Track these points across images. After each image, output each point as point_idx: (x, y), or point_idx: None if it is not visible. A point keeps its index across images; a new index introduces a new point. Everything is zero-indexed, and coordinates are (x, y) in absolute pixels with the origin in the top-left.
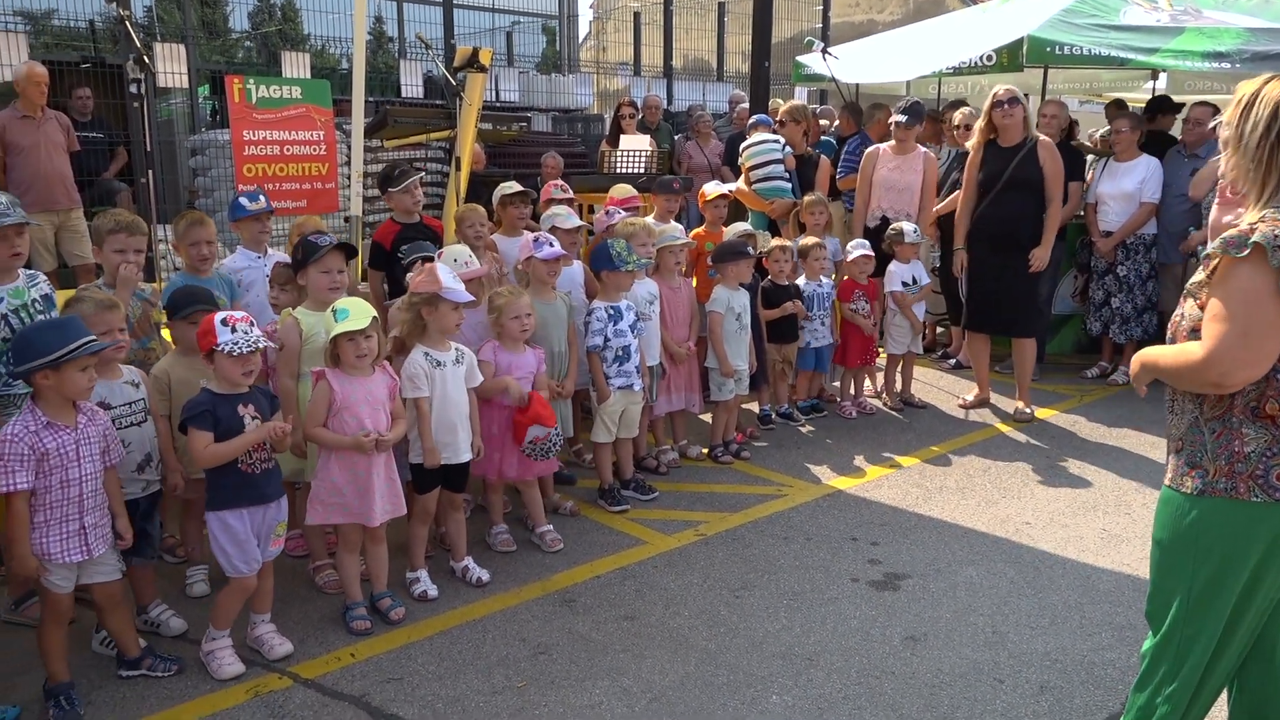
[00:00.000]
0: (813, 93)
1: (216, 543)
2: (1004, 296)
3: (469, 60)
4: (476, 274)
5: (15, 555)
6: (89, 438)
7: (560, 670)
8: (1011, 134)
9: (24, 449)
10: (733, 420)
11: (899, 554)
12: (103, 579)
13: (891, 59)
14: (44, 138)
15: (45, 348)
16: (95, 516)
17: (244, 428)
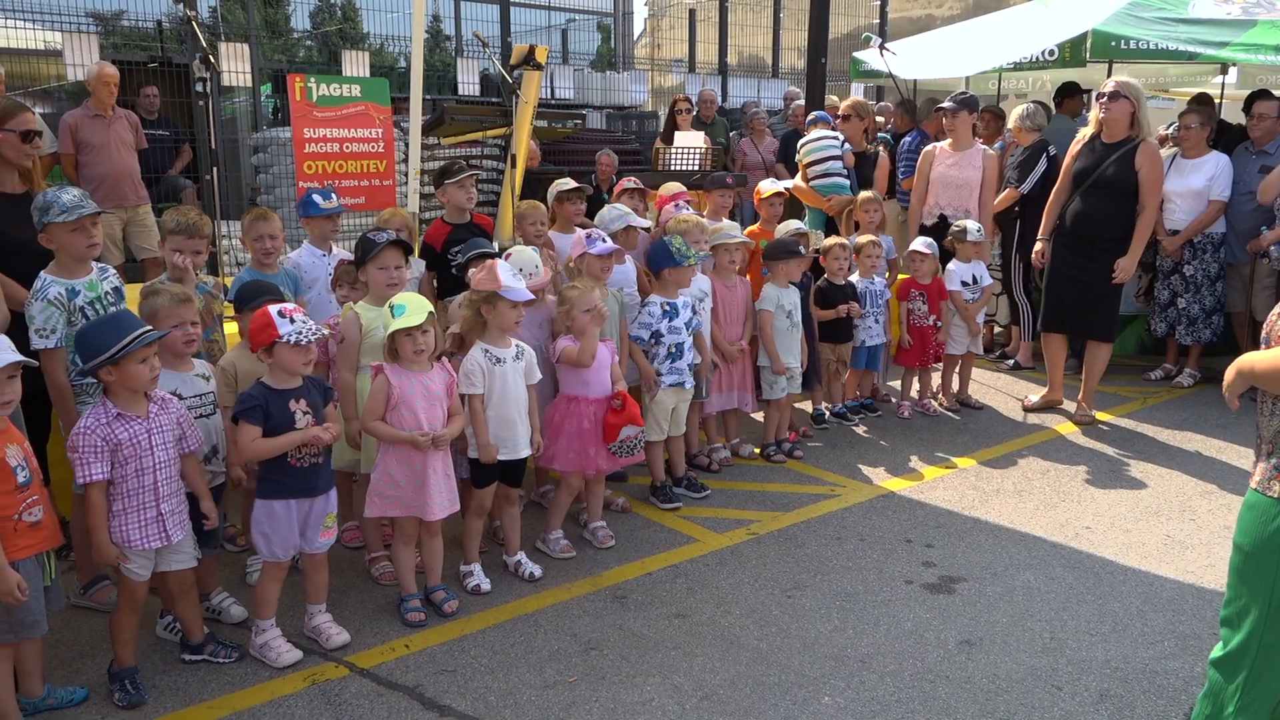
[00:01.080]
0: (869, 89)
1: (258, 527)
2: (1081, 297)
3: (525, 58)
4: (542, 284)
5: (95, 544)
6: (161, 426)
7: (611, 666)
8: (1114, 130)
9: (97, 441)
10: (785, 419)
11: (954, 556)
12: (180, 566)
13: (950, 54)
14: (114, 136)
15: (103, 345)
16: (172, 504)
17: (294, 423)
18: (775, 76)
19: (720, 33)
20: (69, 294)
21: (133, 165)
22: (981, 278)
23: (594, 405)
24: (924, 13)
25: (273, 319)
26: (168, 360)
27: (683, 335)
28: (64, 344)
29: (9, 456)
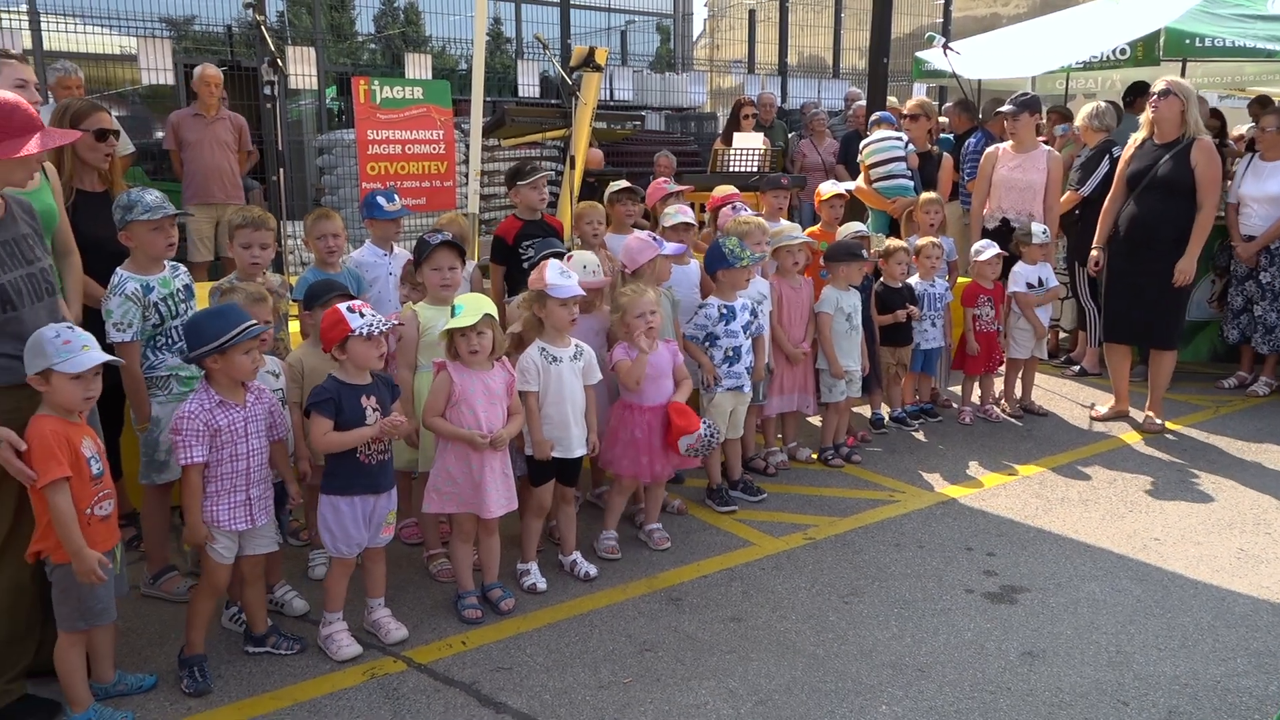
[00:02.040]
0: (932, 89)
1: (324, 523)
2: (1141, 305)
3: (585, 60)
4: (600, 284)
5: (188, 523)
6: (256, 415)
7: (666, 669)
8: (1165, 130)
9: (199, 425)
10: (844, 423)
11: (1017, 566)
12: (263, 550)
13: (1016, 53)
14: (210, 135)
15: (213, 334)
16: (260, 490)
17: (365, 419)
18: (836, 77)
19: (780, 33)
20: (144, 289)
21: (226, 165)
22: (1047, 280)
23: (647, 413)
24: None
25: (343, 315)
26: None
27: (739, 339)
28: (139, 337)
29: (84, 448)
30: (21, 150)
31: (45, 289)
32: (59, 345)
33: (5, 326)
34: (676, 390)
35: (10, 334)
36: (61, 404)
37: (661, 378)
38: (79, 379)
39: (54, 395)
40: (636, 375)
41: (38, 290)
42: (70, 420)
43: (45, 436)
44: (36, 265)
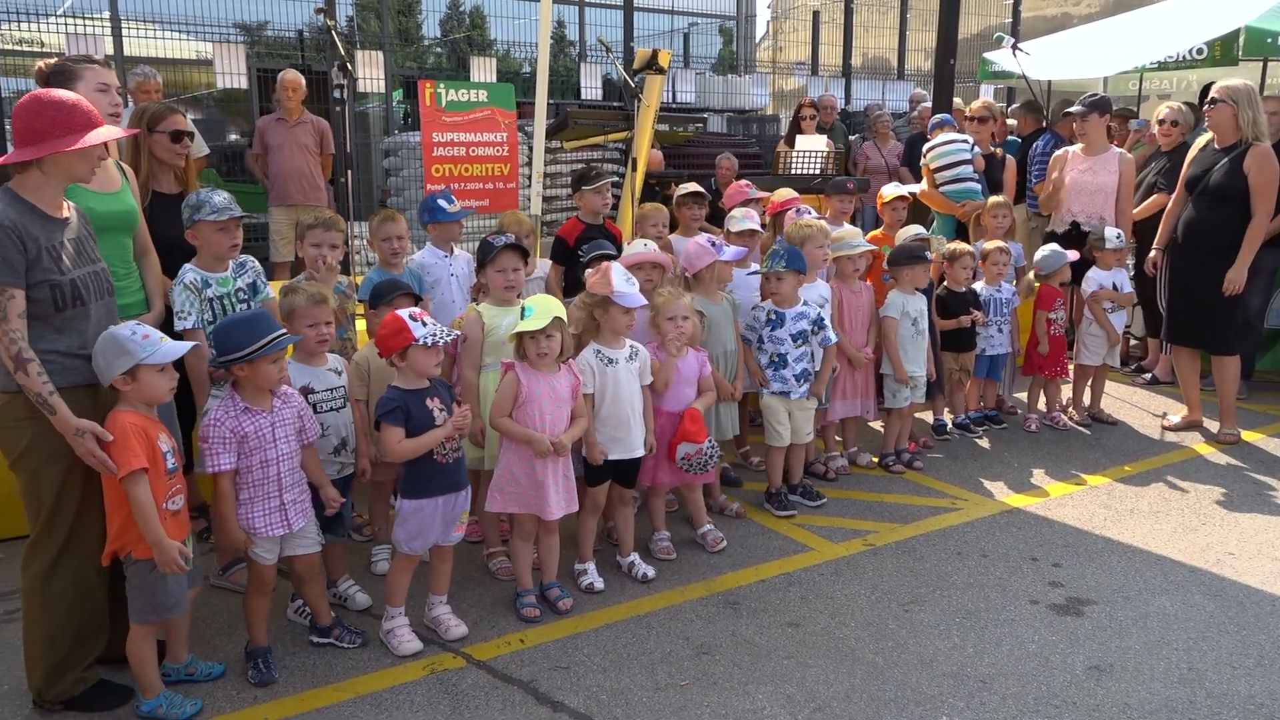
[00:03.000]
0: (999, 91)
1: (404, 525)
2: (1195, 310)
3: (648, 62)
4: (658, 258)
5: (223, 529)
6: (284, 420)
7: (723, 672)
8: (1222, 135)
9: (225, 432)
10: (906, 429)
11: (1083, 578)
12: (304, 551)
13: (1088, 54)
14: (291, 139)
15: (239, 343)
16: (294, 493)
17: (433, 421)
18: (900, 79)
19: (845, 34)
20: (202, 283)
21: (306, 167)
22: (1122, 285)
23: (662, 417)
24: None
25: (406, 324)
26: (301, 356)
27: (785, 345)
28: (200, 325)
29: (160, 443)
30: (80, 143)
31: (106, 288)
32: (140, 341)
33: (71, 322)
34: (698, 399)
35: (75, 330)
36: (148, 398)
37: (684, 385)
38: (164, 371)
39: (141, 391)
40: (665, 378)
41: (101, 289)
42: (148, 415)
43: (125, 429)
44: (99, 265)
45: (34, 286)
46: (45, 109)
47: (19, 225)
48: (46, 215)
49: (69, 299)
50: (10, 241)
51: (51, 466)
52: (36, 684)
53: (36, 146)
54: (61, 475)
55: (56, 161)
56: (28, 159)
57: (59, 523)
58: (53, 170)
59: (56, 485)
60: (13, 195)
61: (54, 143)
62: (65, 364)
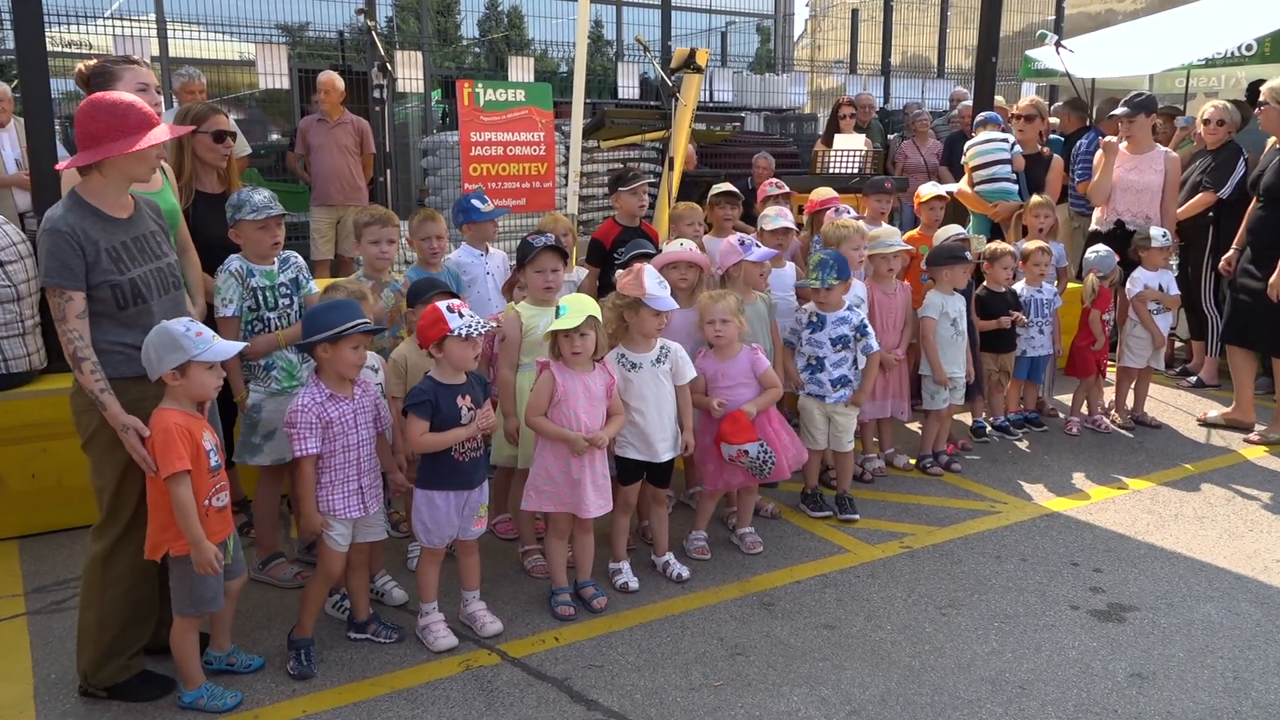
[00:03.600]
0: (1042, 89)
1: (419, 515)
2: (1255, 310)
3: (686, 61)
4: (694, 257)
5: (303, 512)
6: (364, 408)
7: (757, 673)
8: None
9: (312, 418)
10: (944, 431)
11: (1125, 583)
12: (373, 538)
13: (1133, 50)
14: (331, 139)
15: (327, 324)
16: (370, 479)
17: (460, 418)
18: (940, 77)
19: (884, 32)
20: (246, 271)
21: (345, 168)
22: (1169, 287)
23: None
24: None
25: (443, 314)
26: None
27: (824, 349)
28: (239, 314)
29: (204, 441)
30: (138, 145)
31: (171, 283)
32: (194, 338)
33: (136, 318)
34: (761, 395)
35: (140, 325)
36: (195, 394)
37: (739, 386)
38: (212, 368)
39: (189, 387)
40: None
41: (164, 284)
42: (192, 413)
43: (169, 430)
44: (164, 260)
45: (95, 287)
46: (100, 113)
47: (77, 230)
48: (109, 216)
49: (129, 298)
50: (69, 247)
51: (114, 453)
52: (84, 667)
53: (94, 150)
54: (124, 463)
55: (114, 164)
56: (86, 163)
57: (121, 508)
58: (112, 172)
59: (119, 471)
60: (76, 198)
61: (111, 145)
62: (133, 355)
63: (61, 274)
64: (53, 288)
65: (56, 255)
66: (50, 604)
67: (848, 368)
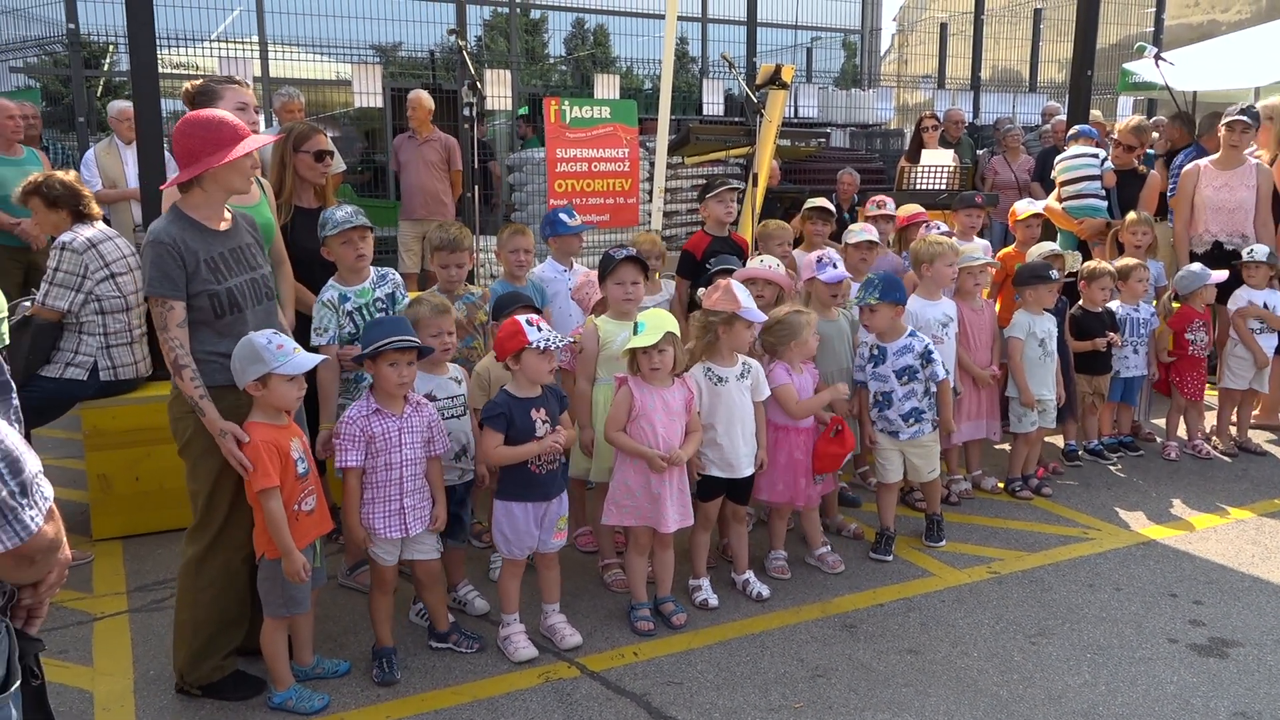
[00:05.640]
0: (1139, 102)
1: (498, 526)
2: None
3: (771, 77)
4: (773, 275)
5: (346, 524)
6: (413, 427)
7: (838, 696)
8: None
9: (356, 431)
10: (1034, 454)
11: (1228, 617)
12: (422, 557)
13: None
14: (419, 156)
15: (368, 340)
16: (414, 499)
17: (535, 431)
18: (1032, 91)
19: (974, 46)
20: (340, 298)
21: (432, 184)
22: (1275, 307)
23: (804, 435)
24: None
25: (522, 327)
26: (424, 364)
27: (889, 383)
28: (334, 342)
29: (292, 449)
30: (231, 155)
31: (265, 293)
32: (274, 350)
33: (232, 327)
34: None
35: (235, 334)
36: (278, 405)
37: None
38: (293, 380)
39: (270, 397)
40: (810, 408)
41: (259, 294)
42: (279, 423)
43: (257, 446)
44: (258, 271)
45: (194, 296)
46: (195, 130)
47: (179, 241)
48: (208, 229)
49: (226, 307)
50: (171, 258)
51: (208, 460)
52: (180, 666)
53: (193, 166)
54: (217, 469)
55: (213, 177)
56: (186, 179)
57: (214, 513)
58: (211, 185)
59: (212, 477)
60: (177, 212)
61: (207, 160)
62: (227, 364)
63: (164, 284)
64: (155, 297)
65: (159, 265)
66: (151, 602)
67: (918, 399)
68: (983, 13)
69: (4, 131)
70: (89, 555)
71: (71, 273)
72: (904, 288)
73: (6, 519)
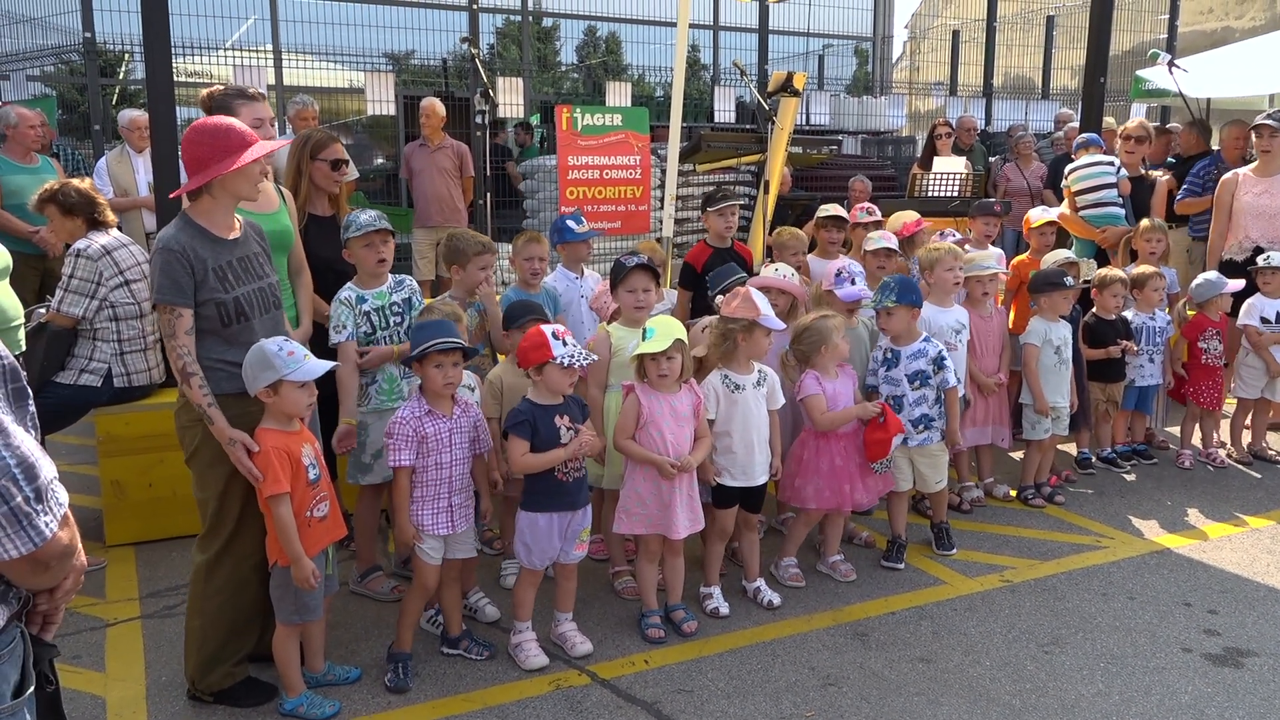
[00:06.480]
0: (1152, 109)
1: (521, 537)
2: None
3: (783, 85)
4: (786, 285)
5: (396, 523)
6: (461, 428)
7: (850, 705)
8: None
9: (409, 431)
10: (1047, 461)
11: (1244, 627)
12: (463, 555)
13: (1250, 70)
14: (431, 163)
15: (414, 344)
16: (461, 498)
17: (560, 438)
18: (1044, 98)
19: (986, 53)
20: (357, 299)
21: (445, 191)
22: None
23: (843, 440)
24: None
25: (547, 340)
26: None
27: (901, 387)
28: (352, 339)
29: (303, 455)
30: (240, 162)
31: (273, 302)
32: (285, 357)
33: (239, 335)
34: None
35: (242, 342)
36: (288, 411)
37: (848, 404)
38: (304, 387)
39: (281, 404)
40: (835, 420)
41: (266, 303)
42: (290, 430)
43: (268, 453)
44: (266, 280)
45: (202, 304)
46: (204, 138)
47: (188, 249)
48: (216, 237)
49: (233, 315)
50: (179, 265)
51: (216, 468)
52: (191, 673)
53: (202, 173)
54: (225, 477)
55: (222, 184)
56: (196, 186)
57: (223, 521)
58: (220, 193)
59: (220, 486)
60: (186, 219)
61: (216, 167)
62: (234, 372)
63: (173, 291)
64: (164, 304)
65: (168, 273)
66: (164, 608)
67: (929, 406)
68: (995, 20)
69: (25, 141)
70: (102, 561)
71: (86, 279)
72: (919, 291)
73: (21, 524)
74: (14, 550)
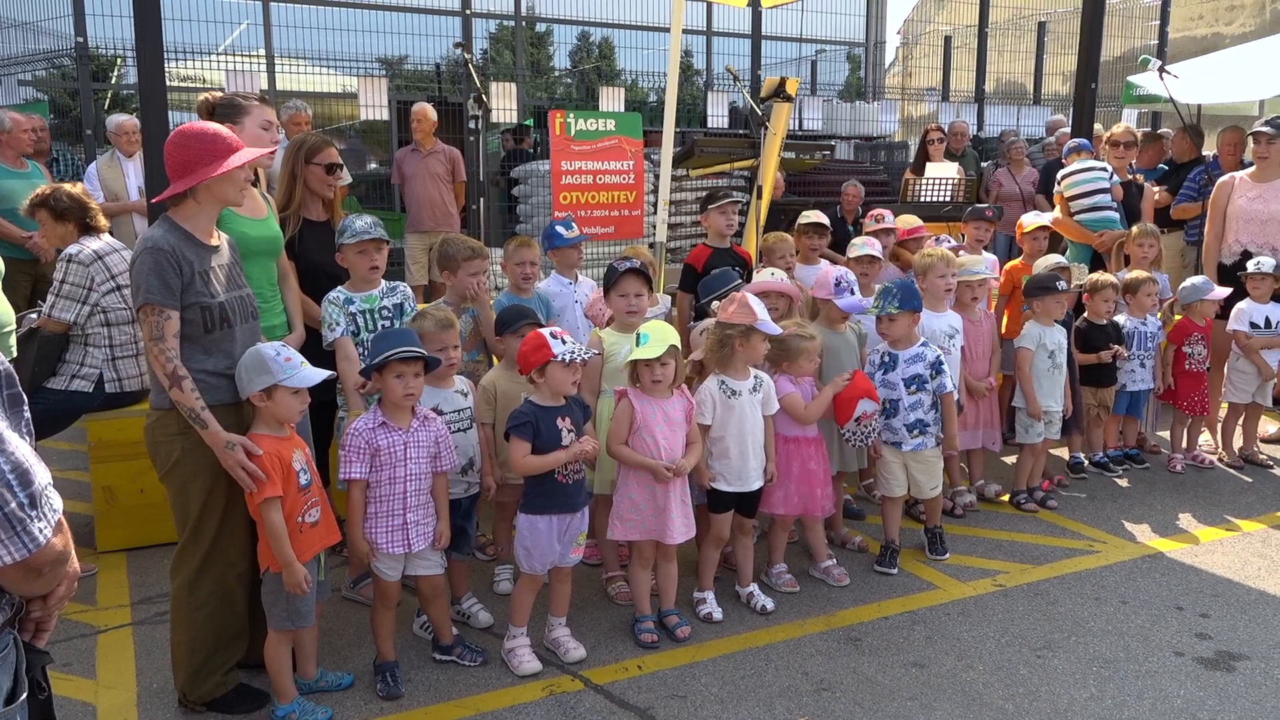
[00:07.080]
0: (1143, 115)
1: (521, 540)
2: None
3: (776, 90)
4: (785, 288)
5: (349, 538)
6: (419, 441)
7: (843, 710)
8: None
9: (361, 443)
10: (1040, 465)
11: (1235, 630)
12: (425, 572)
13: (1241, 76)
14: (424, 168)
15: (373, 354)
16: (418, 515)
17: (561, 440)
18: (1036, 103)
19: (978, 59)
20: (345, 300)
21: (437, 196)
22: (1277, 321)
23: (814, 445)
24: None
25: (546, 340)
26: (430, 378)
27: (898, 391)
28: (346, 334)
29: (295, 461)
30: (225, 166)
31: (251, 312)
32: (282, 363)
33: (220, 343)
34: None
35: (221, 351)
36: (280, 417)
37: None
38: (298, 393)
39: (275, 409)
40: (817, 410)
41: (245, 312)
42: (281, 435)
43: (260, 458)
44: (244, 290)
45: (187, 308)
46: (190, 142)
47: (176, 250)
48: (200, 242)
49: (217, 321)
50: (169, 266)
51: (198, 480)
52: (181, 685)
53: (188, 177)
54: (207, 489)
55: (208, 188)
56: (181, 190)
57: (203, 533)
58: (205, 197)
59: (202, 498)
60: (171, 223)
61: (202, 171)
62: (212, 383)
63: (162, 291)
64: (152, 305)
65: (158, 273)
66: (155, 614)
67: (924, 411)
68: (987, 25)
69: (18, 145)
70: (93, 568)
71: (78, 285)
72: (920, 296)
73: (15, 531)
74: (7, 556)
